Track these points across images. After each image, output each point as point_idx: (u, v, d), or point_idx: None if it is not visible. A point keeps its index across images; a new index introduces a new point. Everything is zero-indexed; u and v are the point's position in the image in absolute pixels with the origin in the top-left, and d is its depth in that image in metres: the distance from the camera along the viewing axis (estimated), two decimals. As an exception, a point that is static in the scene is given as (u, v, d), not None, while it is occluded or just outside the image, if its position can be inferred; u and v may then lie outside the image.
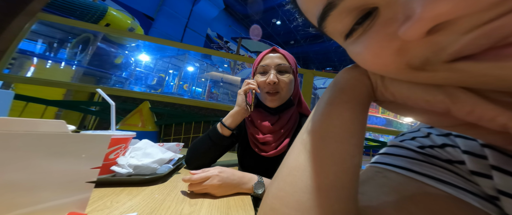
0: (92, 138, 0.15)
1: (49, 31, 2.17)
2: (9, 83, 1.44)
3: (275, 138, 0.45)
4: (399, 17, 0.08)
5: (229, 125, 0.44)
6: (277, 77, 0.44)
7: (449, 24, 0.07)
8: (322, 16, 0.10)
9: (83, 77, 2.17)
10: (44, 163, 0.14)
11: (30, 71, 1.90)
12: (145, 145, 0.39)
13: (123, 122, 0.92)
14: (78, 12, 2.17)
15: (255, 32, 5.15)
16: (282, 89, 0.45)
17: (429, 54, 0.08)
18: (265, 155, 0.45)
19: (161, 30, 4.95)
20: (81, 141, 0.14)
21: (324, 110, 0.13)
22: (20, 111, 0.86)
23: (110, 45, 2.44)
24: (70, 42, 2.32)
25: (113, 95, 1.03)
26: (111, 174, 0.33)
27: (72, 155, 0.15)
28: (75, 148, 0.15)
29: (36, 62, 1.94)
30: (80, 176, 0.16)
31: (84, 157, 0.15)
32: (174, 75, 4.85)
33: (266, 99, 0.46)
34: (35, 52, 2.12)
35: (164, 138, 1.04)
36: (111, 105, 0.36)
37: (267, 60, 0.46)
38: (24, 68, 1.88)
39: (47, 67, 1.99)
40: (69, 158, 0.15)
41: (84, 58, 2.18)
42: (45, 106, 0.91)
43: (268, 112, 0.48)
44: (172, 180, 0.36)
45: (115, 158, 0.34)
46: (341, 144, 0.12)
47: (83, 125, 1.61)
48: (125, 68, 2.86)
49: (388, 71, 0.10)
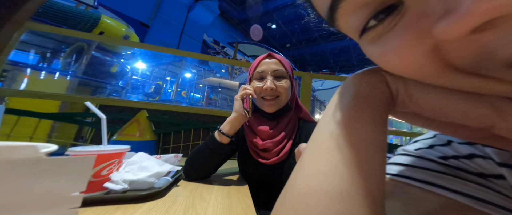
0: (71, 161, 0.13)
1: (41, 41, 2.14)
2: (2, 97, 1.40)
3: (276, 144, 0.43)
4: (435, 10, 0.07)
5: (227, 132, 0.42)
6: (274, 84, 0.43)
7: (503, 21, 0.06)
8: (331, 8, 0.09)
9: (79, 88, 2.13)
10: (16, 193, 0.12)
11: (23, 83, 1.86)
12: (141, 158, 0.36)
13: (120, 132, 0.89)
14: (70, 21, 2.12)
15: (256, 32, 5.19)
16: (281, 94, 0.44)
17: (479, 56, 0.07)
18: (266, 163, 0.43)
19: (157, 37, 4.97)
20: (58, 165, 0.12)
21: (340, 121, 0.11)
22: (12, 124, 0.83)
23: (105, 53, 2.42)
24: (63, 52, 2.29)
25: (109, 105, 1.00)
26: (104, 191, 0.31)
27: (48, 181, 0.13)
28: (52, 173, 0.12)
29: (29, 74, 1.90)
30: (62, 203, 0.14)
31: (63, 181, 0.13)
32: (172, 82, 4.83)
33: (264, 105, 0.45)
34: (28, 63, 2.08)
35: (163, 147, 1.01)
36: (102, 119, 0.34)
37: (263, 66, 0.45)
38: (18, 80, 1.84)
39: (41, 78, 1.95)
40: (45, 185, 0.13)
41: (79, 68, 2.15)
42: (39, 120, 0.88)
43: (266, 117, 0.47)
44: (171, 194, 0.33)
45: (108, 173, 0.31)
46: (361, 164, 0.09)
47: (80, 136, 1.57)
48: (121, 77, 2.83)
49: (423, 74, 0.08)
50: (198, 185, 0.40)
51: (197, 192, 0.35)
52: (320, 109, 4.26)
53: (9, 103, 1.39)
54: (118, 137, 0.87)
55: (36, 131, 0.89)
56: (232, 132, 0.43)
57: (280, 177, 0.42)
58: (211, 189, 0.37)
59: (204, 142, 0.44)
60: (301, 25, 7.35)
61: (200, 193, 0.35)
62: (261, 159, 0.44)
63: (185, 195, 0.33)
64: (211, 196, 0.34)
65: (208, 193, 0.35)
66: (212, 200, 0.32)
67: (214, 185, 0.40)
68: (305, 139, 0.44)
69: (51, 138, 1.33)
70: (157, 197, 0.31)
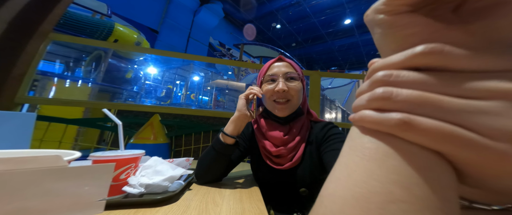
0: (93, 169, 0.13)
1: (65, 51, 2.31)
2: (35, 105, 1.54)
3: (289, 150, 0.42)
4: None
5: (231, 132, 0.41)
6: (286, 85, 0.42)
7: None
8: None
9: (99, 94, 2.28)
10: (44, 200, 0.12)
11: (52, 91, 2.02)
12: (155, 163, 0.37)
13: (136, 135, 0.94)
14: (88, 30, 2.27)
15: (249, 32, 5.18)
16: (293, 97, 0.43)
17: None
18: (280, 169, 0.42)
19: (166, 42, 5.16)
20: (81, 173, 0.13)
21: None
22: (44, 130, 0.91)
23: (120, 60, 2.56)
24: (84, 61, 2.46)
25: (126, 111, 1.06)
26: (122, 195, 0.32)
27: (73, 188, 0.13)
28: (76, 180, 0.13)
29: (56, 82, 2.06)
30: (87, 208, 0.15)
31: (87, 189, 0.14)
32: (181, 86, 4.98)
33: (275, 109, 0.43)
34: (55, 72, 2.26)
35: (175, 149, 1.04)
36: (119, 125, 0.36)
37: (274, 69, 0.44)
38: (47, 89, 2.01)
39: (66, 86, 2.11)
40: (69, 192, 0.13)
41: (98, 75, 2.29)
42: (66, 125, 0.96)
43: (278, 122, 0.45)
44: (185, 198, 0.34)
45: (126, 178, 0.32)
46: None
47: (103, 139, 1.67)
48: (135, 83, 2.97)
49: None
50: (210, 189, 0.40)
51: (210, 196, 0.35)
52: (330, 107, 4.13)
53: (41, 111, 1.53)
54: (135, 140, 0.91)
55: (64, 136, 0.97)
56: (236, 132, 0.41)
57: (294, 181, 0.42)
58: (223, 193, 0.37)
59: (211, 145, 0.44)
60: (306, 24, 7.22)
61: (213, 198, 0.35)
62: (274, 165, 0.43)
63: (198, 200, 0.33)
64: (223, 200, 0.34)
65: (220, 198, 0.35)
66: (225, 205, 0.32)
67: (226, 189, 0.40)
68: (316, 139, 0.43)
69: (77, 142, 1.44)
70: (172, 201, 0.32)
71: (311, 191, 0.41)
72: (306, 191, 0.41)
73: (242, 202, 0.33)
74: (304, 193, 0.41)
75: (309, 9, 6.49)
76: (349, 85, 4.33)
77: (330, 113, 4.09)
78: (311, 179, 0.40)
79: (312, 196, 0.41)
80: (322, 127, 0.44)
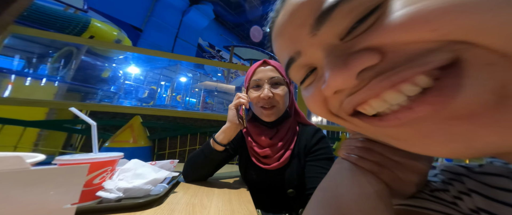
0: (61, 171, 0.12)
1: (27, 45, 2.03)
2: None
3: (275, 151, 0.43)
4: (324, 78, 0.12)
5: (221, 141, 0.43)
6: (271, 91, 0.43)
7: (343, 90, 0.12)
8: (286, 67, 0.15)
9: (68, 94, 2.04)
10: (2, 207, 0.11)
11: (7, 90, 1.77)
12: (135, 165, 0.35)
13: (112, 138, 0.85)
14: (58, 25, 2.03)
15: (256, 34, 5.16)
16: (278, 103, 0.43)
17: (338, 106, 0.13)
18: (267, 168, 0.43)
19: (150, 41, 4.90)
20: (47, 176, 0.11)
21: None
22: (-4, 133, 0.78)
23: (96, 58, 2.34)
24: (51, 57, 2.20)
25: (101, 112, 0.96)
26: (96, 200, 0.29)
27: (37, 193, 0.12)
28: (40, 185, 0.11)
29: (13, 80, 1.81)
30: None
31: (52, 193, 0.12)
32: (167, 86, 4.74)
33: (262, 114, 0.44)
34: (12, 69, 1.98)
35: (159, 153, 0.98)
36: (92, 125, 0.33)
37: (260, 74, 0.44)
38: (1, 87, 1.75)
39: (27, 84, 1.85)
40: (34, 197, 0.12)
41: (68, 73, 2.06)
42: (24, 128, 0.83)
43: (265, 125, 0.47)
44: (169, 201, 0.32)
45: (100, 182, 0.29)
46: None
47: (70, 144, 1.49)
48: (113, 82, 2.74)
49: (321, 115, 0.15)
50: (197, 190, 0.38)
51: (197, 198, 0.34)
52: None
53: (-8, 112, 1.31)
54: (111, 144, 0.83)
55: (21, 140, 0.84)
56: (226, 140, 0.43)
57: (282, 182, 0.42)
58: (211, 195, 0.36)
59: (201, 148, 0.46)
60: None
61: (200, 200, 0.33)
62: (262, 165, 0.43)
63: (185, 202, 0.32)
64: (211, 202, 0.32)
65: (208, 200, 0.34)
66: (213, 207, 0.31)
67: (214, 190, 0.39)
68: (306, 145, 0.44)
69: (37, 147, 1.26)
70: (155, 205, 0.30)
71: (298, 192, 0.41)
72: (294, 192, 0.41)
73: (231, 204, 0.32)
74: (292, 194, 0.41)
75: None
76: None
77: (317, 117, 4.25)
78: (298, 181, 0.41)
79: (299, 197, 0.41)
80: (312, 133, 0.45)
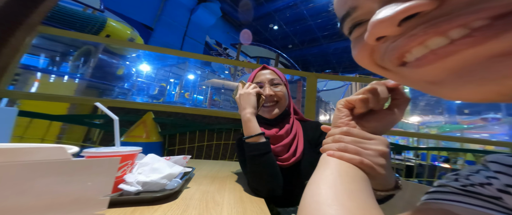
0: (99, 163, 0.13)
1: (51, 44, 2.19)
2: (14, 100, 1.44)
3: (286, 146, 0.45)
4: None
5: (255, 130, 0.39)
6: (272, 90, 0.48)
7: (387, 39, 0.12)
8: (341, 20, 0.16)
9: (86, 90, 2.17)
10: (42, 197, 0.12)
11: (34, 87, 1.91)
12: (152, 160, 0.36)
13: (127, 134, 0.90)
14: (78, 24, 2.18)
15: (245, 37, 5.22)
16: (280, 99, 0.48)
17: (383, 55, 0.13)
18: (286, 165, 0.43)
19: (161, 39, 5.03)
20: (87, 167, 0.12)
21: None
22: (25, 126, 0.85)
23: (111, 56, 2.46)
24: (72, 55, 2.34)
25: (116, 107, 1.01)
26: (118, 193, 0.31)
27: (76, 184, 0.13)
28: (81, 175, 0.12)
29: (39, 77, 1.95)
30: (90, 206, 0.14)
31: (90, 185, 0.13)
32: (175, 84, 4.87)
33: (265, 111, 0.48)
34: (38, 67, 2.13)
35: (169, 148, 1.01)
36: (115, 120, 0.34)
37: (260, 77, 0.50)
38: (29, 84, 1.89)
39: (51, 81, 2.00)
40: (72, 188, 0.13)
41: (87, 70, 2.19)
42: (50, 122, 0.90)
43: (268, 124, 0.49)
44: (184, 197, 0.33)
45: (122, 175, 0.31)
46: None
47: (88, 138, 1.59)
48: (127, 79, 2.87)
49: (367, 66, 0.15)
50: (208, 187, 0.40)
51: (209, 195, 0.35)
52: (324, 109, 4.21)
53: (21, 106, 1.43)
54: (126, 138, 0.87)
55: (47, 133, 0.91)
56: (257, 127, 0.40)
57: (298, 174, 0.44)
58: (222, 192, 0.37)
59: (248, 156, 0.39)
60: (303, 26, 7.34)
61: (213, 197, 0.34)
62: (279, 162, 0.43)
63: (198, 198, 0.33)
64: (224, 200, 0.33)
65: (220, 197, 0.35)
66: (225, 204, 0.31)
67: (225, 188, 0.40)
68: (313, 137, 0.47)
69: (61, 140, 1.36)
70: (170, 199, 0.31)
71: None
72: None
73: (243, 202, 0.33)
74: None
75: (306, 12, 6.60)
76: (343, 88, 4.43)
77: (325, 115, 4.17)
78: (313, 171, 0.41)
79: None
80: (315, 126, 0.50)
